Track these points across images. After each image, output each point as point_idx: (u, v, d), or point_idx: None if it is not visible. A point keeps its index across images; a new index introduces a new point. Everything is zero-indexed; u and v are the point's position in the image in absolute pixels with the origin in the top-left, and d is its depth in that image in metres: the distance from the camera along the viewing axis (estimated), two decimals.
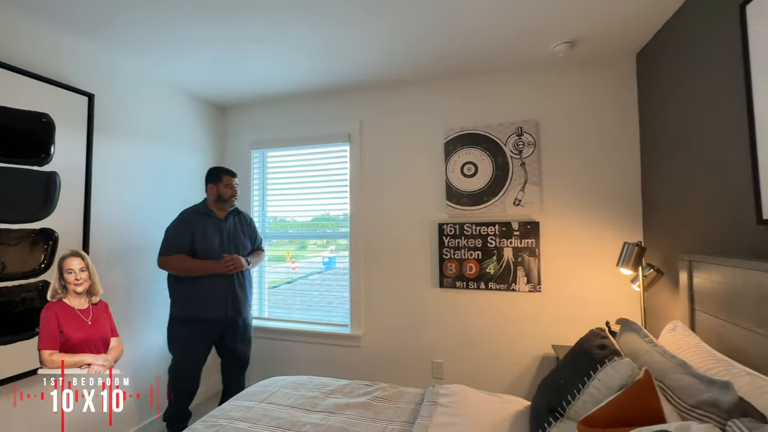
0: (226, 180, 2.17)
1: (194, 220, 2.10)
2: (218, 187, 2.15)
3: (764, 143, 1.23)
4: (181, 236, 2.05)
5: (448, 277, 2.41)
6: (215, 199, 2.16)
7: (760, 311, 1.11)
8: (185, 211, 2.16)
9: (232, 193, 2.17)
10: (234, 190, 2.19)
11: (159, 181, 2.45)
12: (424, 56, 2.18)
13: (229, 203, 2.18)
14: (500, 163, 2.34)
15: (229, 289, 2.12)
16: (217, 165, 2.42)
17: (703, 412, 0.91)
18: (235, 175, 2.23)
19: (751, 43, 1.27)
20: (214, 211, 2.17)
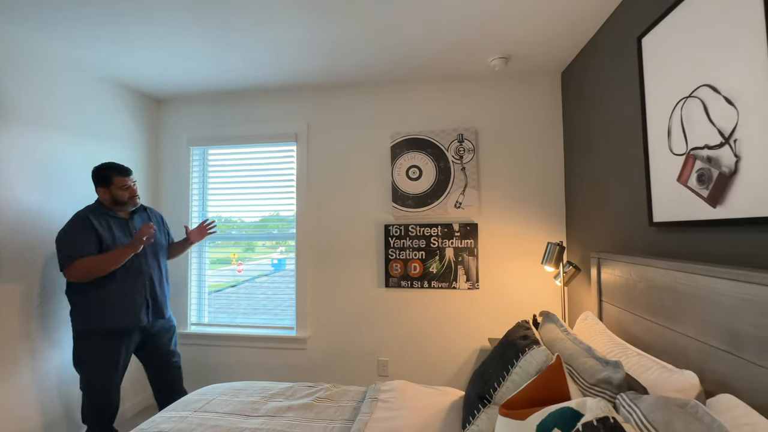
0: (119, 181, 1.88)
1: (94, 220, 1.83)
2: (111, 191, 1.89)
3: (655, 158, 1.44)
4: (84, 238, 1.79)
5: (394, 276, 2.48)
6: (111, 203, 1.91)
7: (649, 300, 1.30)
8: (78, 213, 1.87)
9: (130, 194, 1.93)
10: (131, 190, 1.93)
11: (70, 178, 2.19)
12: (371, 61, 2.23)
13: (129, 204, 1.95)
14: (443, 168, 2.46)
15: (145, 290, 1.93)
16: (107, 163, 1.95)
17: (599, 389, 1.05)
18: (129, 173, 1.93)
19: (646, 70, 1.48)
20: (115, 211, 1.93)
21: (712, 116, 1.15)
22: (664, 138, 1.37)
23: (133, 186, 1.96)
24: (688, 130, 1.25)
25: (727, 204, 1.09)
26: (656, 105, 1.42)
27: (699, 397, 0.97)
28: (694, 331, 1.07)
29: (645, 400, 0.89)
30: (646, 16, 1.49)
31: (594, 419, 0.79)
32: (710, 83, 1.15)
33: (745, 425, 0.81)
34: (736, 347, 0.92)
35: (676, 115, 1.30)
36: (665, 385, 1.02)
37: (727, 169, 1.09)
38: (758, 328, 0.86)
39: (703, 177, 1.18)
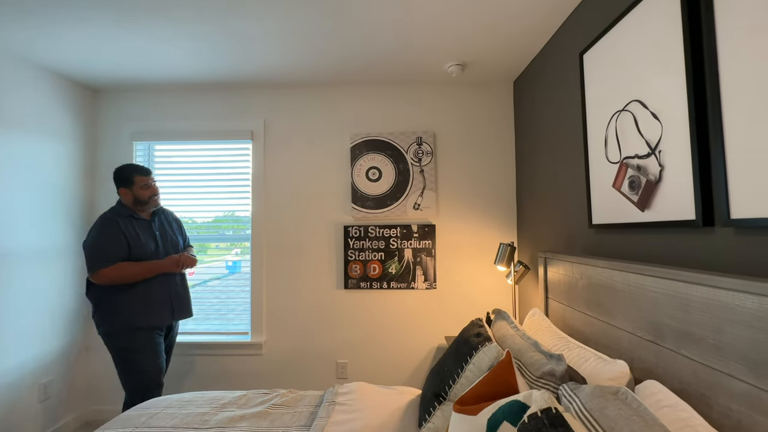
0: (140, 181, 1.96)
1: (121, 223, 1.91)
2: (133, 191, 1.96)
3: (594, 165, 1.56)
4: (116, 242, 1.86)
5: (353, 278, 2.48)
6: (133, 203, 1.98)
7: (589, 297, 1.41)
8: (105, 215, 1.93)
9: (151, 193, 1.99)
10: (153, 189, 2.00)
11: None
12: (331, 61, 2.21)
13: (151, 204, 2.01)
14: (402, 170, 2.49)
15: (170, 291, 2.01)
16: (127, 164, 1.99)
17: (544, 381, 1.12)
18: (149, 173, 2.01)
19: (586, 84, 1.60)
20: (137, 212, 1.99)
21: (641, 129, 1.27)
22: (601, 147, 1.49)
23: (154, 185, 2.01)
24: (621, 140, 1.37)
25: (653, 208, 1.21)
26: (595, 116, 1.54)
27: (629, 384, 1.07)
28: (625, 323, 1.17)
29: (583, 390, 0.96)
30: (587, 34, 1.61)
31: (538, 410, 0.84)
32: (640, 99, 1.27)
33: (665, 407, 0.90)
34: (659, 337, 1.03)
35: (612, 126, 1.43)
36: (601, 374, 1.11)
37: (653, 177, 1.21)
38: (677, 320, 0.96)
39: (634, 183, 1.30)
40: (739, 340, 0.79)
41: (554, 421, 0.79)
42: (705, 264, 1.01)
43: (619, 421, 0.80)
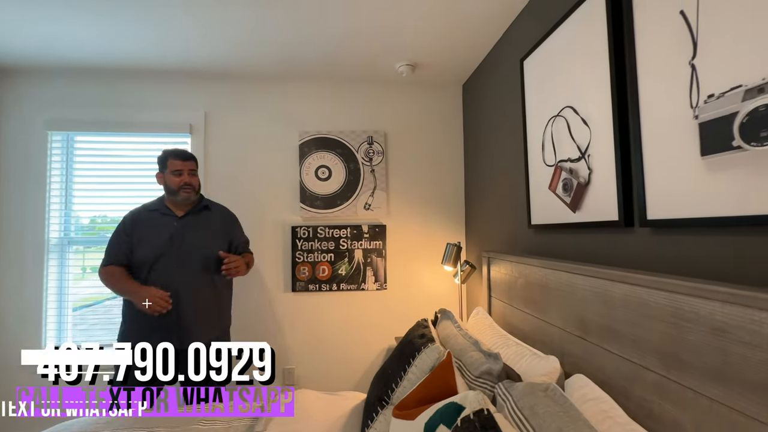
0: (172, 165, 1.70)
1: (138, 220, 1.70)
2: (165, 177, 1.72)
3: (532, 168, 1.62)
4: (115, 243, 1.68)
5: (301, 280, 2.39)
6: (168, 193, 1.74)
7: (526, 295, 1.45)
8: (136, 209, 1.75)
9: (181, 181, 1.70)
10: (184, 177, 1.71)
11: None
12: (280, 54, 2.11)
13: (180, 195, 1.71)
14: (353, 169, 2.45)
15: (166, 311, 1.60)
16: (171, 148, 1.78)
17: (482, 380, 1.13)
18: (188, 157, 1.75)
19: (527, 89, 1.66)
20: (171, 207, 1.74)
21: (574, 134, 1.33)
22: (539, 150, 1.55)
23: (188, 175, 1.72)
24: (556, 144, 1.44)
25: (583, 209, 1.27)
26: (534, 121, 1.60)
27: (560, 379, 1.11)
28: (557, 320, 1.22)
29: (517, 388, 0.98)
30: (527, 42, 1.67)
31: (471, 413, 0.83)
32: (572, 105, 1.33)
33: (590, 400, 0.94)
34: (586, 333, 1.07)
35: (548, 130, 1.49)
36: (535, 370, 1.15)
37: (583, 180, 1.27)
38: (601, 316, 1.01)
39: (567, 186, 1.36)
40: (653, 334, 0.83)
41: (485, 424, 0.78)
42: (628, 261, 1.08)
43: (547, 418, 0.82)
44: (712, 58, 0.84)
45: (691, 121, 0.88)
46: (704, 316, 0.71)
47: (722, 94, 0.82)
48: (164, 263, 1.65)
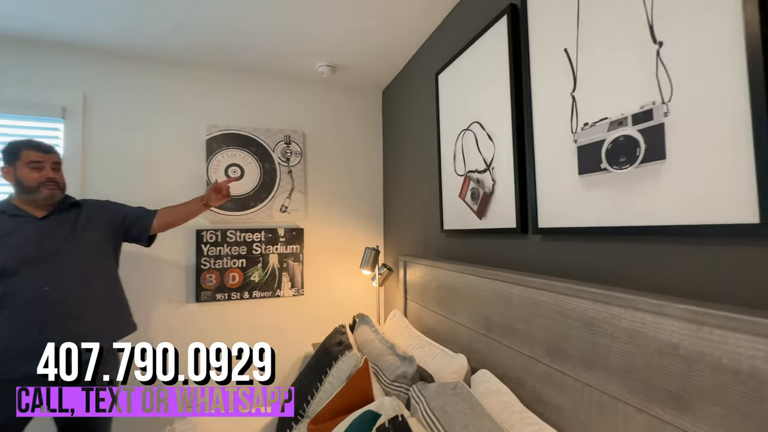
0: (28, 155, 1.35)
1: None
2: (15, 171, 1.34)
3: (445, 177, 1.72)
4: None
5: (207, 289, 2.16)
6: (20, 192, 1.36)
7: (439, 297, 1.54)
8: None
9: (42, 176, 1.36)
10: (46, 172, 1.36)
11: None
12: (188, 36, 1.87)
13: (41, 193, 1.35)
14: (268, 169, 2.31)
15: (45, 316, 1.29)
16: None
17: (398, 384, 1.16)
18: (51, 150, 1.41)
19: (441, 102, 1.76)
20: (24, 208, 1.37)
21: (481, 147, 1.45)
22: (451, 160, 1.66)
23: (51, 169, 1.38)
24: (466, 156, 1.55)
25: (488, 217, 1.40)
26: (447, 132, 1.71)
27: (467, 374, 1.19)
28: (465, 320, 1.31)
29: (429, 389, 1.03)
30: (442, 56, 1.77)
31: (386, 420, 0.84)
32: (479, 120, 1.45)
33: (492, 392, 1.03)
34: (489, 330, 1.18)
35: (459, 142, 1.60)
36: (446, 369, 1.21)
37: (488, 190, 1.40)
38: (502, 315, 1.11)
39: (475, 194, 1.48)
40: (542, 330, 0.95)
41: (399, 430, 0.80)
42: (525, 264, 1.21)
43: (455, 416, 0.87)
44: (588, 92, 0.98)
45: (572, 144, 1.03)
46: (579, 312, 0.83)
47: (594, 123, 0.97)
48: (33, 271, 1.32)
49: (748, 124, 0.67)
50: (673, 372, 0.63)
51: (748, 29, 0.66)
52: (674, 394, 0.63)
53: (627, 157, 0.88)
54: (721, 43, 0.70)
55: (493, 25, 1.35)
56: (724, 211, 0.70)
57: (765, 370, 0.52)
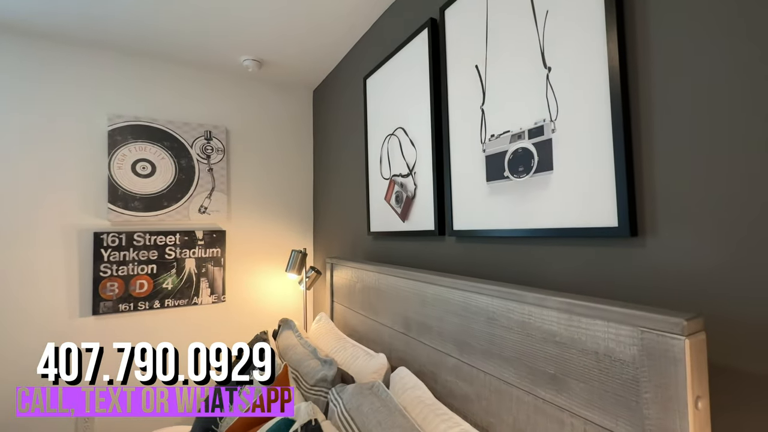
0: None
1: None
2: None
3: (372, 180, 1.75)
4: None
5: (108, 299, 1.91)
6: None
7: (363, 298, 1.55)
8: None
9: None
10: None
11: None
12: (84, 9, 1.64)
13: None
14: (185, 166, 2.13)
15: None
16: None
17: (318, 388, 1.14)
18: None
19: (368, 106, 1.79)
20: None
21: (404, 152, 1.50)
22: (378, 164, 1.70)
23: None
24: (391, 160, 1.59)
25: (410, 219, 1.45)
26: (374, 136, 1.74)
27: (387, 373, 1.22)
28: (387, 320, 1.35)
29: (347, 390, 1.03)
30: (370, 61, 1.80)
31: (299, 427, 0.83)
32: (403, 126, 1.51)
33: (409, 389, 1.07)
34: (408, 329, 1.22)
35: (385, 147, 1.64)
36: (367, 369, 1.23)
37: (411, 193, 1.45)
38: (419, 314, 1.16)
39: (399, 197, 1.53)
40: (452, 326, 1.01)
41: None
42: (442, 264, 1.28)
43: (370, 415, 0.89)
44: (494, 106, 1.08)
45: (481, 153, 1.12)
46: (482, 308, 0.90)
47: (499, 135, 1.06)
48: None
49: (610, 143, 0.79)
50: (552, 356, 0.72)
51: (610, 63, 0.79)
52: (552, 375, 0.72)
53: (524, 167, 0.98)
54: (592, 72, 0.83)
55: (416, 36, 1.41)
56: (593, 216, 0.82)
57: (615, 350, 0.62)
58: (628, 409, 0.60)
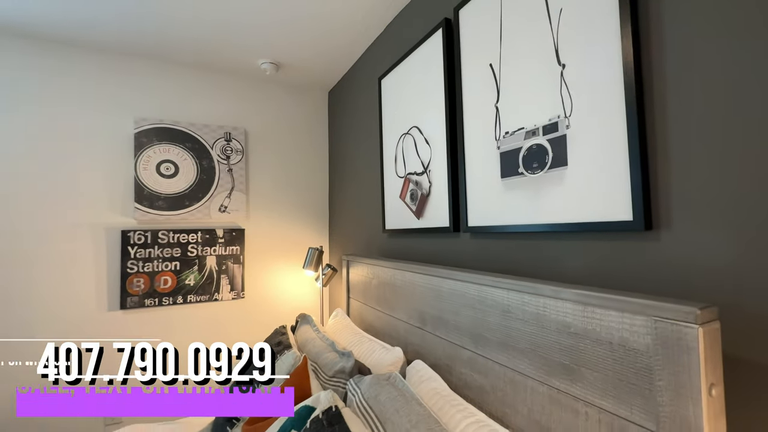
0: None
1: None
2: None
3: (387, 178, 1.78)
4: None
5: (134, 294, 2.00)
6: None
7: (379, 294, 1.59)
8: None
9: None
10: None
11: None
12: (113, 18, 1.72)
13: None
14: (206, 167, 2.20)
15: None
16: None
17: (336, 379, 1.18)
18: None
19: (383, 106, 1.82)
20: None
21: (419, 150, 1.53)
22: (392, 163, 1.73)
23: None
24: (406, 158, 1.62)
25: (425, 216, 1.48)
26: (389, 135, 1.77)
27: (403, 366, 1.25)
28: (402, 314, 1.38)
29: (365, 381, 1.06)
30: (385, 61, 1.83)
31: (320, 412, 0.86)
32: (418, 125, 1.53)
33: (425, 381, 1.10)
34: (423, 323, 1.25)
35: (400, 146, 1.67)
36: (383, 362, 1.26)
37: (425, 191, 1.48)
38: (434, 308, 1.19)
39: (413, 195, 1.56)
40: (467, 319, 1.03)
41: (332, 420, 0.83)
42: (457, 260, 1.30)
43: (387, 403, 0.92)
44: (508, 103, 1.10)
45: (495, 150, 1.13)
46: (498, 301, 0.92)
47: (513, 132, 1.08)
48: None
49: (624, 137, 0.80)
50: (566, 347, 0.74)
51: (625, 59, 0.80)
52: (567, 366, 0.73)
53: (539, 163, 1.00)
54: (606, 68, 0.84)
55: (431, 36, 1.43)
56: (608, 210, 0.83)
57: (629, 340, 0.63)
58: (641, 397, 0.61)
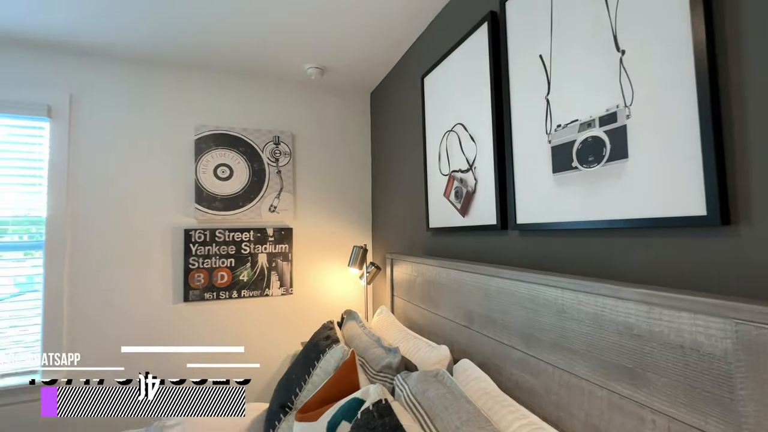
0: None
1: None
2: None
3: (430, 176, 1.78)
4: None
5: (195, 288, 2.17)
6: None
7: (423, 292, 1.59)
8: None
9: None
10: None
11: None
12: (175, 39, 1.89)
13: None
14: (257, 169, 2.34)
15: None
16: None
17: (383, 375, 1.20)
18: None
19: (426, 104, 1.82)
20: None
21: (464, 148, 1.51)
22: (436, 161, 1.72)
23: None
24: (450, 156, 1.61)
25: (470, 214, 1.46)
26: (432, 133, 1.76)
27: (450, 364, 1.24)
28: (448, 313, 1.37)
29: (412, 377, 1.07)
30: (427, 60, 1.83)
31: (371, 404, 0.89)
32: (462, 122, 1.52)
33: (473, 380, 1.08)
34: (470, 322, 1.23)
35: (444, 143, 1.66)
36: (429, 359, 1.26)
37: (471, 189, 1.46)
38: (482, 307, 1.17)
39: (458, 193, 1.54)
40: (518, 319, 1.01)
41: (382, 412, 0.84)
42: (505, 258, 1.27)
43: (436, 400, 0.92)
44: (560, 95, 1.05)
45: (546, 144, 1.09)
46: (551, 300, 0.89)
47: (566, 125, 1.03)
48: None
49: (696, 126, 0.74)
50: (629, 350, 0.69)
51: (695, 40, 0.74)
52: (630, 369, 0.69)
53: (595, 156, 0.94)
54: (673, 52, 0.78)
55: (475, 31, 1.41)
56: (677, 204, 0.77)
57: (704, 344, 0.58)
58: (720, 406, 0.56)
